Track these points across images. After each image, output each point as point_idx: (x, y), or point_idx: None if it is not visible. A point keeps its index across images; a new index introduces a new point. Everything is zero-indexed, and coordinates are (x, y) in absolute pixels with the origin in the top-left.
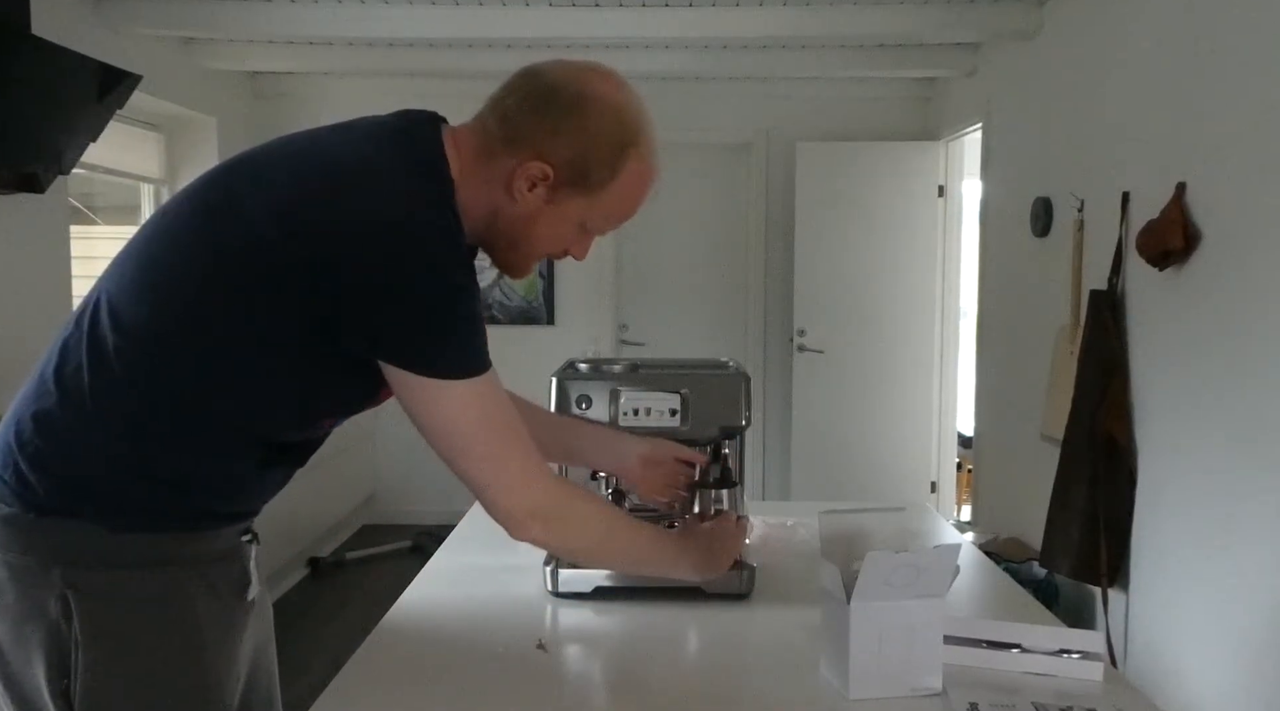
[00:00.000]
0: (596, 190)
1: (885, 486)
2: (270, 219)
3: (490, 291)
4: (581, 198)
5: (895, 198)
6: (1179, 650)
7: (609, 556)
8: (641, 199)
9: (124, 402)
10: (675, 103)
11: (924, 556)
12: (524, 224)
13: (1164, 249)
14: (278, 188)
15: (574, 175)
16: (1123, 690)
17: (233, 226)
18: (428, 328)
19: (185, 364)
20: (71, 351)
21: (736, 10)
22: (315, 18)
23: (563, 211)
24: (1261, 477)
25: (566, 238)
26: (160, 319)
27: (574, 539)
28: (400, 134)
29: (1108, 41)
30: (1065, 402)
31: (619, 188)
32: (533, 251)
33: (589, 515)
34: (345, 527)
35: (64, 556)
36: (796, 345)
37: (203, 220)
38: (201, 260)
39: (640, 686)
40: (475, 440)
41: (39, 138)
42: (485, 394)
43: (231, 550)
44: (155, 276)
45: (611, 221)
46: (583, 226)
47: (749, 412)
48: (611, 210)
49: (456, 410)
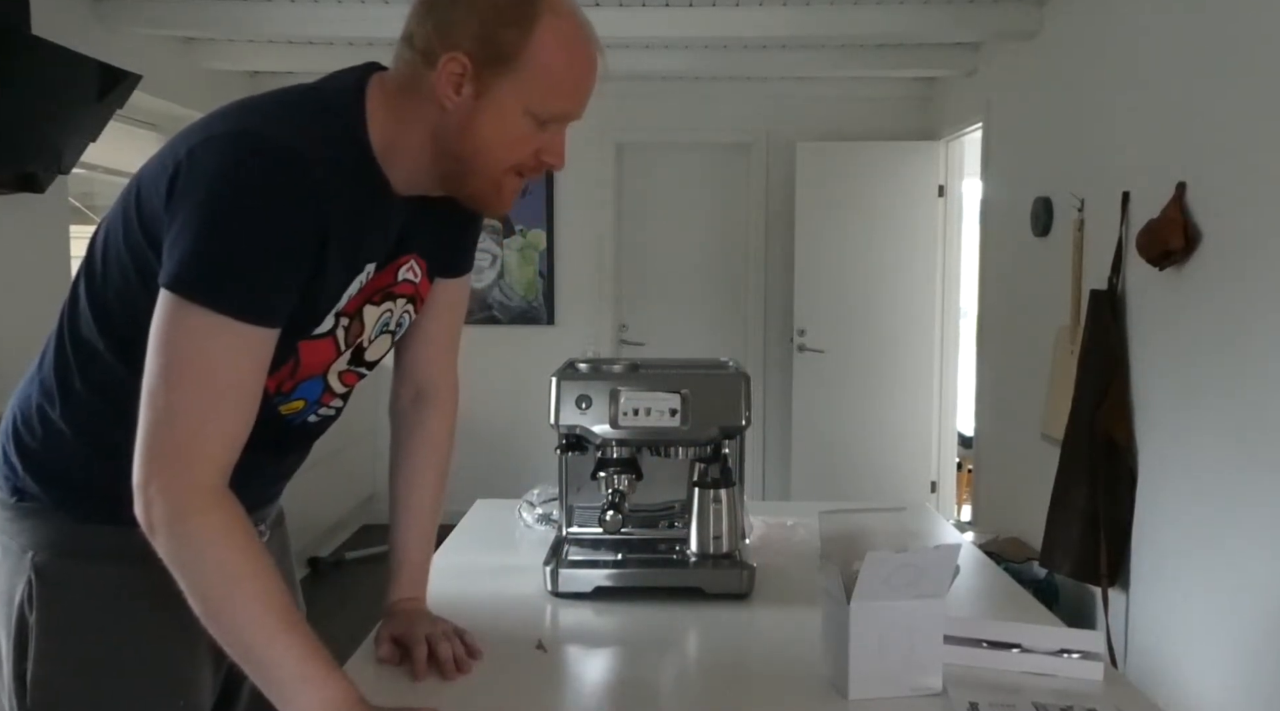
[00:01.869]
0: (517, 60)
1: (885, 486)
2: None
3: (490, 291)
4: (508, 77)
5: (895, 198)
6: (1179, 650)
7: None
8: (579, 64)
9: (84, 393)
10: (675, 103)
11: (924, 556)
12: (467, 135)
13: (1164, 249)
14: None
15: (488, 53)
16: (1123, 690)
17: (132, 210)
18: (186, 241)
19: (120, 350)
20: (49, 343)
21: (736, 10)
22: (315, 18)
23: (498, 102)
24: (1261, 477)
25: (520, 136)
26: (92, 309)
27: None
28: (316, 108)
29: (1108, 41)
30: (1065, 403)
31: (541, 51)
32: (492, 166)
33: (220, 560)
34: (345, 527)
35: (35, 543)
36: (796, 345)
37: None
38: (114, 248)
39: (640, 686)
40: (177, 379)
41: (39, 138)
42: (222, 341)
43: None
44: (89, 268)
45: (557, 98)
46: (531, 116)
47: (749, 412)
48: (548, 82)
49: (179, 334)
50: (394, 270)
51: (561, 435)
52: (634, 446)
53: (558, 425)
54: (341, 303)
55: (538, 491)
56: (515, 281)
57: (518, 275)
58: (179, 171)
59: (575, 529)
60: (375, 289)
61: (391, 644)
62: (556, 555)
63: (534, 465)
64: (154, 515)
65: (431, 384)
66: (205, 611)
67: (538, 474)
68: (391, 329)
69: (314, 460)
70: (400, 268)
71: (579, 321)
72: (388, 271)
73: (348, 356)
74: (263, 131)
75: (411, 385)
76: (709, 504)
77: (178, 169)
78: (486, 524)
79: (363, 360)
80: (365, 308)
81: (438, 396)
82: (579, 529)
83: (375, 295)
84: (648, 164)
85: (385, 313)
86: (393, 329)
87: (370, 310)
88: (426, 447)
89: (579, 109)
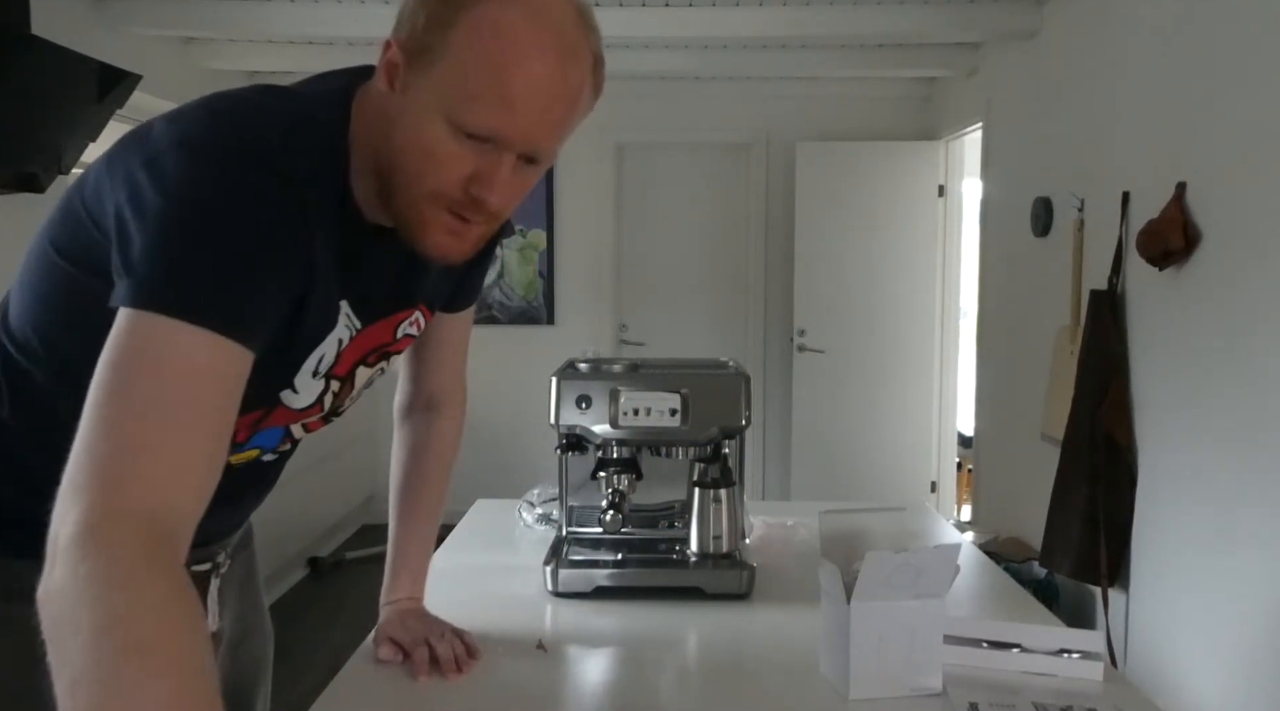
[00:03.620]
0: (436, 50)
1: (885, 486)
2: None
3: (490, 291)
4: (426, 72)
5: (895, 198)
6: (1179, 650)
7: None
8: (512, 66)
9: (18, 430)
10: (675, 103)
11: (924, 556)
12: (389, 141)
13: (1164, 249)
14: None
15: (412, 43)
16: (1123, 690)
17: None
18: (151, 246)
19: (50, 368)
20: None
21: (736, 10)
22: (315, 18)
23: (416, 103)
24: (1262, 477)
25: (441, 152)
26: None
27: (55, 597)
28: (296, 115)
29: (1108, 41)
30: (1065, 403)
31: (461, 44)
32: (408, 183)
33: (114, 617)
34: (345, 527)
35: None
36: (796, 345)
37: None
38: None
39: (640, 686)
40: (124, 389)
41: (39, 138)
42: (182, 349)
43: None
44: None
45: (477, 105)
46: (451, 124)
47: (749, 412)
48: (465, 83)
49: (133, 344)
50: (394, 325)
51: (561, 435)
52: (634, 446)
53: (558, 425)
54: (331, 360)
55: (538, 491)
56: (515, 281)
57: (518, 275)
58: (137, 183)
59: (575, 529)
60: (371, 347)
61: (392, 644)
62: (556, 555)
63: (534, 465)
64: (56, 567)
65: (444, 390)
66: (68, 687)
67: (538, 474)
68: (374, 383)
69: (314, 460)
70: (402, 322)
71: (579, 321)
72: (385, 326)
73: (323, 414)
74: (238, 138)
75: (424, 393)
76: (709, 504)
77: (134, 180)
78: (486, 524)
79: (337, 412)
80: (359, 369)
81: (450, 401)
82: (579, 529)
83: (371, 355)
84: (648, 164)
85: (376, 372)
86: (375, 383)
87: (363, 371)
88: (435, 450)
89: (516, 129)
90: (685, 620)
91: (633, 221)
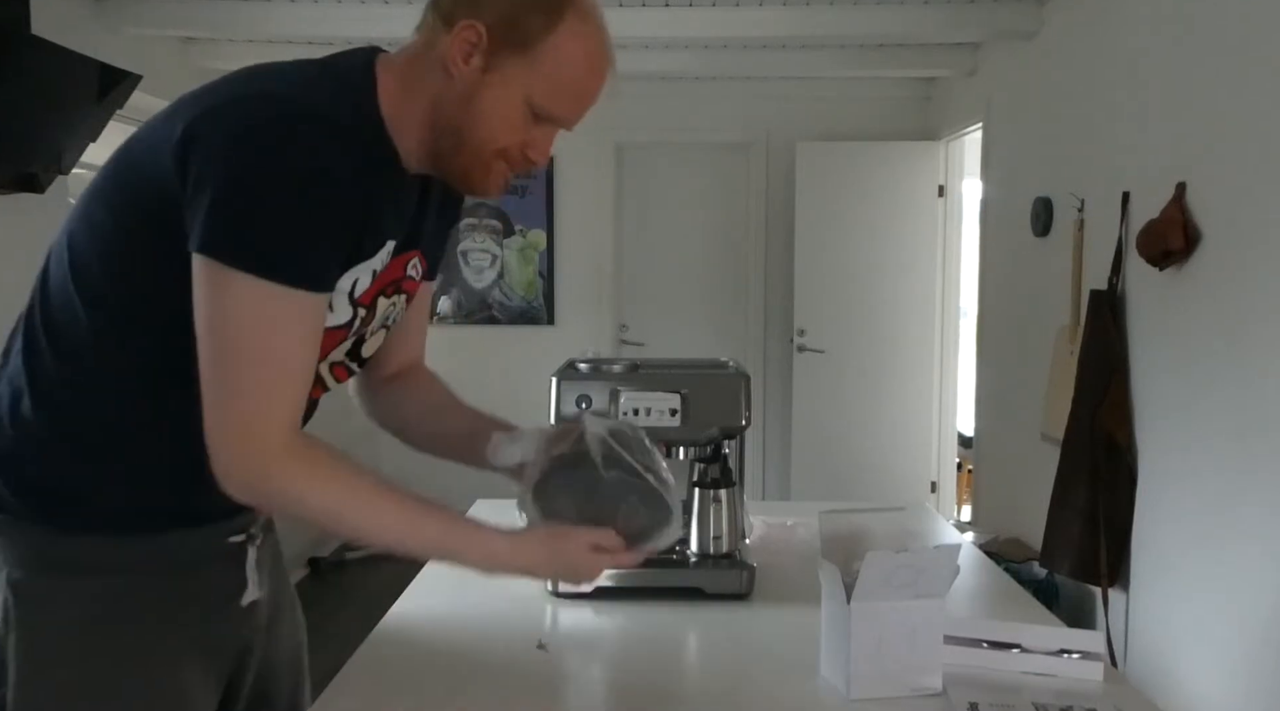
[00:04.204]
0: (533, 48)
1: (885, 486)
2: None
3: (490, 291)
4: (520, 62)
5: (895, 198)
6: (1179, 650)
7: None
8: (592, 74)
9: (67, 396)
10: (675, 103)
11: (924, 556)
12: (465, 105)
13: (1164, 249)
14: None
15: (507, 30)
16: (1123, 690)
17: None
18: (227, 205)
19: (106, 346)
20: (14, 342)
21: (736, 10)
22: (315, 18)
23: (504, 83)
24: (1262, 477)
25: (514, 123)
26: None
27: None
28: (331, 79)
29: (1108, 41)
30: (1065, 403)
31: (560, 47)
32: (482, 143)
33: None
34: None
35: (11, 559)
36: (796, 345)
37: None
38: (111, 226)
39: (640, 686)
40: (237, 351)
41: (39, 138)
42: (276, 307)
43: (211, 554)
44: (72, 257)
45: (560, 99)
46: (530, 107)
47: (749, 412)
48: (557, 81)
49: (231, 305)
50: (403, 263)
51: None
52: None
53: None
54: (352, 292)
55: None
56: (515, 281)
57: (518, 275)
58: (192, 139)
59: None
60: (388, 281)
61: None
62: None
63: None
64: (235, 488)
65: (411, 367)
66: (339, 533)
67: None
68: (388, 324)
69: None
70: (408, 262)
71: (579, 321)
72: (398, 264)
73: (347, 347)
74: (293, 96)
75: (393, 368)
76: (709, 504)
77: (189, 136)
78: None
79: (358, 354)
80: (379, 300)
81: (420, 370)
82: None
83: (387, 287)
84: (648, 164)
85: (390, 306)
86: (389, 325)
87: (382, 302)
88: (429, 384)
89: (576, 116)
90: (685, 620)
91: (633, 221)
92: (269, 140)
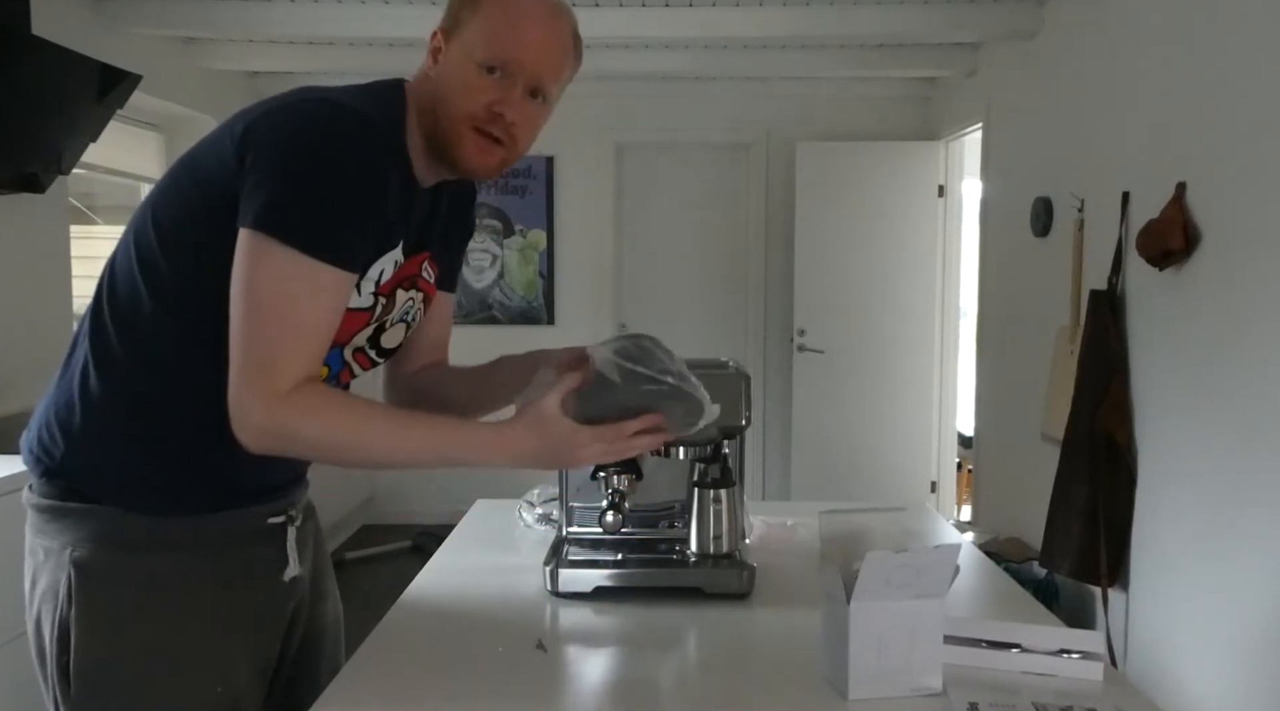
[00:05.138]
0: (468, 24)
1: (885, 486)
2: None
3: (490, 291)
4: (459, 37)
5: (895, 198)
6: (1179, 650)
7: (364, 462)
8: (516, 13)
9: (122, 380)
10: (675, 103)
11: (924, 556)
12: (435, 90)
13: (1164, 249)
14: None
15: (452, 22)
16: (1123, 690)
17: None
18: (277, 188)
19: (166, 327)
20: (82, 330)
21: (736, 10)
22: (315, 18)
23: (452, 58)
24: (1262, 477)
25: (469, 80)
26: (140, 287)
27: (308, 445)
28: (369, 97)
29: (1108, 41)
30: (1065, 403)
31: (485, 11)
32: (451, 114)
33: (330, 422)
34: (345, 527)
35: (74, 539)
36: (796, 345)
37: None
38: (173, 219)
39: (640, 686)
40: (267, 311)
41: (39, 138)
42: (307, 280)
43: (253, 533)
44: (138, 249)
45: (495, 42)
46: (474, 63)
47: (749, 412)
48: (486, 30)
49: (269, 272)
50: (418, 262)
51: None
52: None
53: None
54: (378, 280)
55: (538, 491)
56: (515, 281)
57: (518, 275)
58: (250, 134)
59: (575, 529)
60: (405, 275)
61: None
62: (556, 555)
63: None
64: (248, 434)
65: (435, 364)
66: (355, 461)
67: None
68: (408, 320)
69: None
70: (423, 262)
71: (579, 321)
72: (413, 262)
73: (368, 333)
74: (339, 100)
75: (417, 365)
76: (709, 504)
77: (248, 133)
78: (486, 524)
79: (379, 344)
80: (397, 291)
81: (442, 364)
82: (579, 529)
83: (404, 281)
84: (648, 164)
85: (409, 301)
86: (409, 320)
87: (400, 295)
88: (455, 369)
89: (523, 57)
90: (685, 620)
91: (633, 221)
92: (317, 135)
